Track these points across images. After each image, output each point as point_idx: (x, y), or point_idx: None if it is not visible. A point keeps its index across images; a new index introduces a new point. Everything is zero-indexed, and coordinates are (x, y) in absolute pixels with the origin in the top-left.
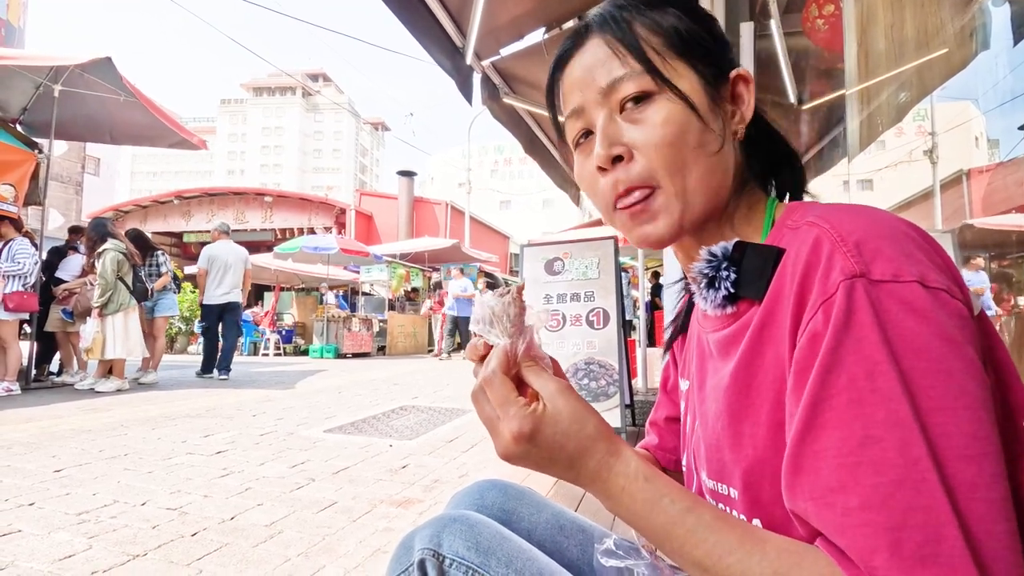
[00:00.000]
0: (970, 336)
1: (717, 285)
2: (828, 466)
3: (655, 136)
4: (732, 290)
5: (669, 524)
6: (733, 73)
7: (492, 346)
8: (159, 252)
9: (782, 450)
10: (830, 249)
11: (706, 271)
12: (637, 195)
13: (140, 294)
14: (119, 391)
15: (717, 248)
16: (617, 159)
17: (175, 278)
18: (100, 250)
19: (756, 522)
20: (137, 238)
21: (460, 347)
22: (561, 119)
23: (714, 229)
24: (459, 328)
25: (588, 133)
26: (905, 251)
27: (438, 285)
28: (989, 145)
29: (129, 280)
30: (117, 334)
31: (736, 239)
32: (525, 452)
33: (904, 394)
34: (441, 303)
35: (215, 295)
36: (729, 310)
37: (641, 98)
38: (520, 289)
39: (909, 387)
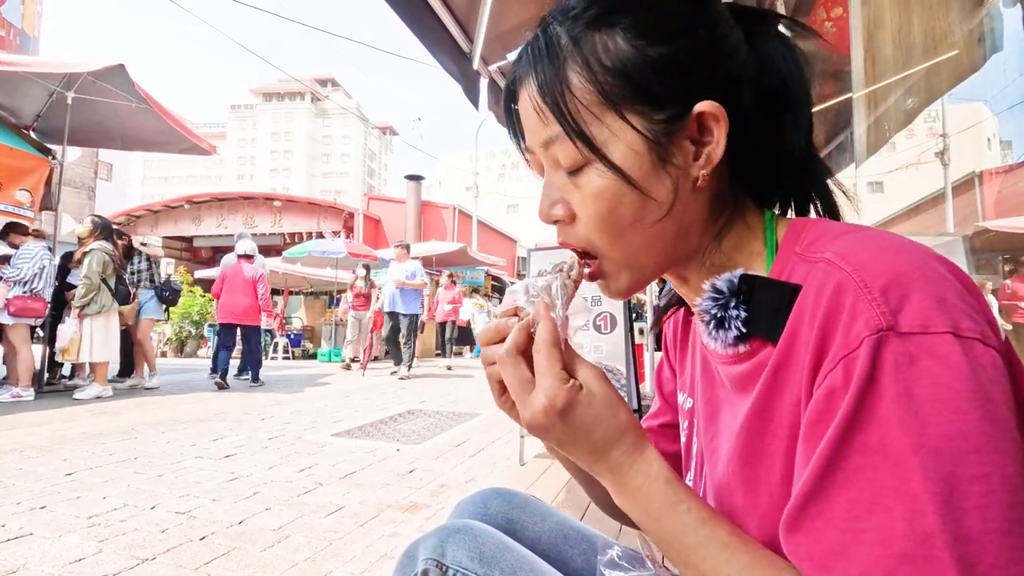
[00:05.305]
0: (1003, 390)
1: (727, 325)
2: (832, 528)
3: (588, 210)
4: (744, 330)
5: (681, 532)
6: (695, 111)
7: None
8: (139, 253)
9: None
10: (854, 297)
11: (713, 311)
12: (587, 259)
13: (122, 297)
14: (99, 398)
15: (722, 283)
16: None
17: (170, 286)
18: (88, 249)
19: None
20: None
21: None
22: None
23: (701, 261)
24: (399, 330)
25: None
26: (936, 295)
27: (367, 268)
28: (1001, 147)
29: (112, 283)
30: (98, 336)
31: (740, 271)
32: (550, 426)
33: (922, 463)
34: (367, 298)
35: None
36: (741, 349)
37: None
38: (582, 264)
39: (932, 455)
